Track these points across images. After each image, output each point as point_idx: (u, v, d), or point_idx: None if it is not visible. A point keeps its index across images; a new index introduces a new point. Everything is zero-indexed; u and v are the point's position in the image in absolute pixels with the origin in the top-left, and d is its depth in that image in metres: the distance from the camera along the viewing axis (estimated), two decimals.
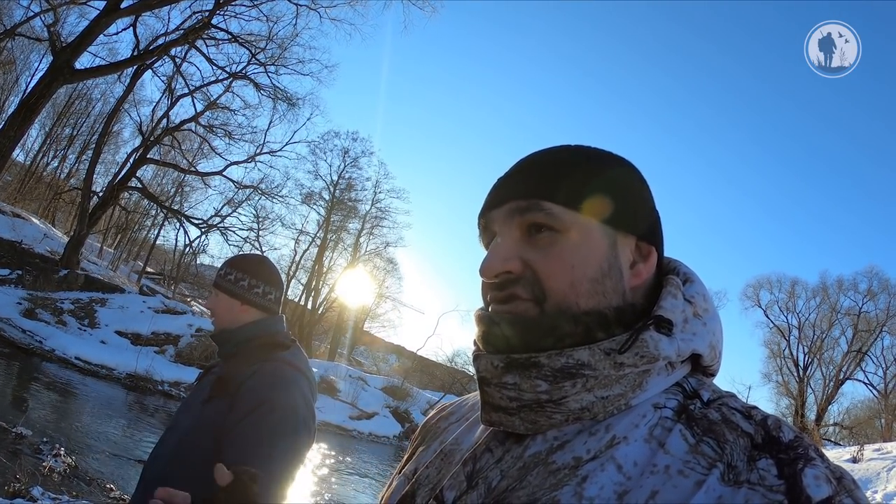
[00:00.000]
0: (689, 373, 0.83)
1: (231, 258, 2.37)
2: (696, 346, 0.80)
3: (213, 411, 1.98)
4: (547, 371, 0.76)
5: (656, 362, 0.77)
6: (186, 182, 38.46)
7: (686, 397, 0.77)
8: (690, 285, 0.86)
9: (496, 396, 0.80)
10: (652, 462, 0.69)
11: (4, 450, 6.90)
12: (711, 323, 0.84)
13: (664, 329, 0.78)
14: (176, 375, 17.57)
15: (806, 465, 0.64)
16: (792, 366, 41.24)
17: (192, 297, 35.23)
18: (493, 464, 0.79)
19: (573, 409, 0.76)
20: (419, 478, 0.90)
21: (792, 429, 0.70)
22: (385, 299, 44.16)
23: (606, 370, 0.75)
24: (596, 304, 0.79)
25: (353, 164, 39.48)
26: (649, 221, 0.87)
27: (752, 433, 0.69)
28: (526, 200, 0.82)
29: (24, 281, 20.43)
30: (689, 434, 0.71)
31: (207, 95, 29.32)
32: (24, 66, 38.42)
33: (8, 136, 16.76)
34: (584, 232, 0.81)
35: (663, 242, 0.90)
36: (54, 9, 20.61)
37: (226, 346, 2.22)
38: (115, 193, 28.04)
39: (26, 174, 40.06)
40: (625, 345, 0.76)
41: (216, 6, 22.92)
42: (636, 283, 0.83)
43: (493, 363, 0.79)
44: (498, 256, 0.82)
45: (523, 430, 0.78)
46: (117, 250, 42.14)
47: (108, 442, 9.59)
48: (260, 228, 34.93)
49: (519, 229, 0.83)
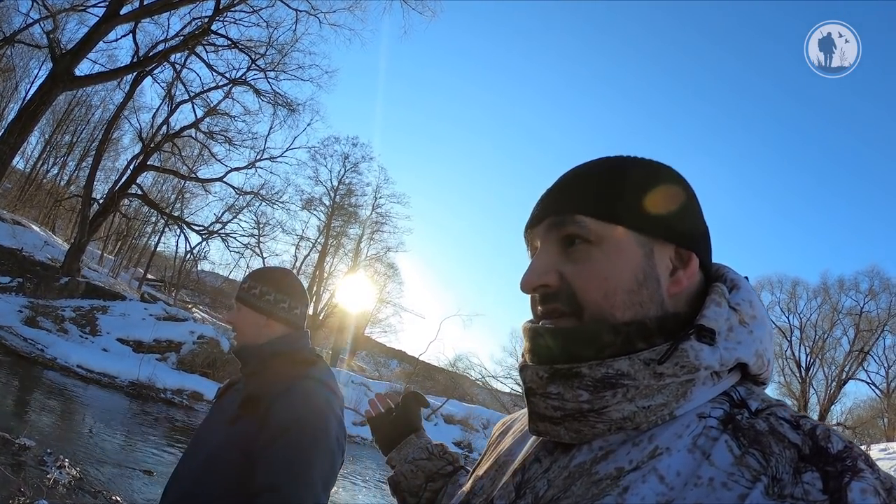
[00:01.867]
0: (738, 382, 0.81)
1: (255, 271, 2.29)
2: (740, 355, 0.79)
3: (241, 431, 1.90)
4: (588, 381, 0.77)
5: (698, 372, 0.76)
6: (187, 188, 38.66)
7: (733, 406, 0.76)
8: (737, 292, 0.85)
9: (541, 406, 0.82)
10: (696, 473, 0.68)
11: (8, 462, 6.78)
12: (759, 330, 0.82)
13: (706, 338, 0.77)
14: (178, 383, 17.53)
15: (853, 477, 0.62)
16: (794, 366, 41.71)
17: (193, 303, 35.28)
18: (541, 474, 0.81)
19: (615, 418, 0.77)
20: (475, 488, 0.94)
21: (842, 438, 0.68)
22: (386, 304, 44.18)
23: (646, 380, 0.76)
24: (634, 314, 0.79)
25: (353, 169, 39.57)
26: (688, 227, 0.86)
27: (799, 444, 0.67)
28: (561, 215, 0.85)
29: (24, 289, 20.38)
30: (734, 445, 0.69)
31: (207, 101, 29.41)
32: (24, 74, 38.65)
33: (8, 143, 16.71)
34: (616, 243, 0.81)
35: (710, 248, 0.89)
36: (53, 16, 20.56)
37: (250, 362, 2.14)
38: (115, 200, 28.02)
39: (26, 181, 40.16)
40: (664, 355, 0.76)
41: (216, 12, 22.93)
42: (676, 290, 0.83)
43: (539, 374, 0.82)
44: (535, 271, 0.85)
45: (568, 439, 0.80)
46: (118, 257, 42.22)
47: (112, 452, 9.50)
48: (261, 234, 34.95)
49: (556, 243, 0.86)
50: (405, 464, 1.33)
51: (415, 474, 1.34)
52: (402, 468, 1.33)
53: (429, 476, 1.33)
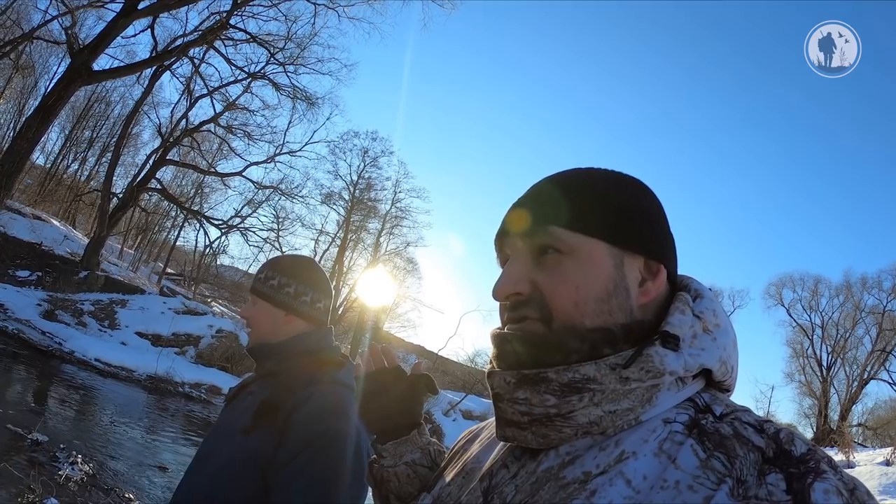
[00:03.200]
0: (703, 388, 0.83)
1: (272, 260, 2.06)
2: (704, 361, 0.81)
3: (256, 444, 1.69)
4: (555, 386, 0.78)
5: (663, 377, 0.77)
6: (206, 183, 38.75)
7: (698, 412, 0.77)
8: (700, 301, 0.87)
9: (509, 411, 0.83)
10: (662, 477, 0.69)
11: (19, 458, 6.77)
12: (722, 338, 0.84)
13: (670, 344, 0.78)
14: (196, 377, 17.64)
15: (816, 478, 0.63)
16: (815, 365, 41.39)
17: (212, 297, 35.47)
18: (509, 479, 0.82)
19: (581, 422, 0.78)
20: (442, 495, 0.95)
21: (805, 442, 0.69)
22: (405, 299, 44.15)
23: (612, 384, 0.77)
24: (602, 322, 0.81)
25: (372, 163, 39.38)
26: (657, 240, 0.88)
27: (763, 447, 0.68)
28: (534, 225, 0.86)
29: (44, 282, 20.59)
30: (699, 449, 0.70)
31: (226, 96, 29.54)
32: (43, 70, 39.01)
33: (27, 138, 16.85)
34: (588, 253, 0.83)
35: (676, 260, 0.91)
36: (72, 12, 20.69)
37: (267, 362, 1.93)
38: (134, 195, 28.24)
39: (46, 177, 40.63)
40: (630, 360, 0.77)
41: (234, 6, 22.96)
42: (645, 300, 0.84)
43: (506, 379, 0.83)
44: (508, 279, 0.86)
45: (535, 444, 0.81)
46: (137, 251, 42.56)
47: (128, 447, 9.49)
48: (280, 229, 34.95)
49: (529, 252, 0.87)
50: (402, 464, 1.19)
51: (410, 480, 1.19)
52: (398, 468, 1.19)
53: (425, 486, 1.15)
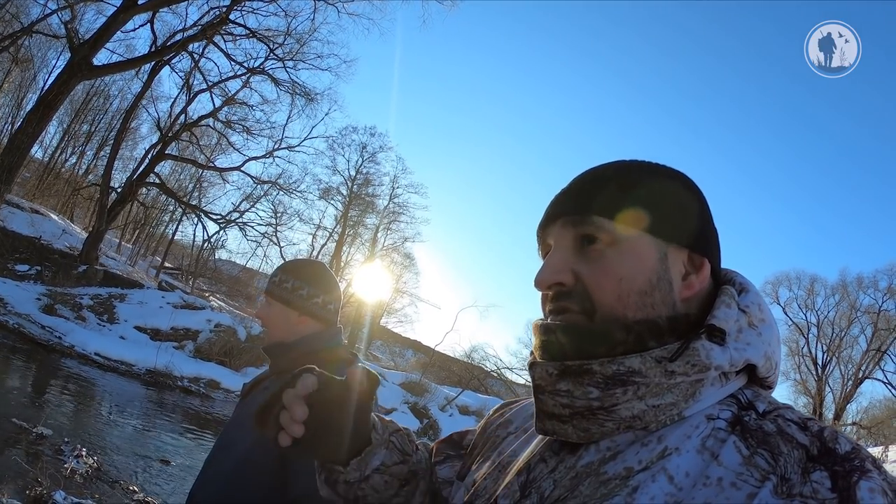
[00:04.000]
0: (745, 385, 0.82)
1: (286, 264, 2.19)
2: (749, 356, 0.80)
3: None
4: (599, 378, 0.77)
5: (708, 371, 0.77)
6: (204, 178, 38.75)
7: (741, 408, 0.77)
8: (746, 295, 0.87)
9: (550, 404, 0.82)
10: (705, 473, 0.68)
11: (25, 451, 6.84)
12: (767, 333, 0.84)
13: (716, 338, 0.78)
14: (195, 370, 17.65)
15: (861, 477, 0.62)
16: (810, 364, 41.21)
17: (210, 292, 35.43)
18: (547, 473, 0.81)
19: (624, 416, 0.77)
20: (477, 488, 0.93)
21: (850, 440, 0.68)
22: (402, 294, 44.30)
23: (657, 378, 0.76)
24: (646, 314, 0.80)
25: (370, 159, 39.54)
26: (702, 233, 0.87)
27: (807, 445, 0.68)
28: (578, 215, 0.85)
29: (43, 277, 20.56)
30: (743, 446, 0.70)
31: (225, 91, 29.48)
32: (42, 64, 38.89)
33: (26, 132, 16.86)
34: (632, 245, 0.82)
35: (720, 254, 0.91)
36: (71, 6, 20.61)
37: (281, 359, 2.05)
38: (133, 189, 28.18)
39: (45, 171, 40.48)
40: (676, 353, 0.76)
41: (234, 1, 22.98)
42: (688, 294, 0.83)
43: (548, 371, 0.82)
44: (550, 269, 0.85)
45: (576, 438, 0.80)
46: (136, 246, 42.41)
47: (130, 440, 9.54)
48: (278, 223, 34.98)
49: (572, 243, 0.86)
50: (371, 472, 1.03)
51: (388, 484, 1.06)
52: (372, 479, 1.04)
53: (403, 480, 1.09)
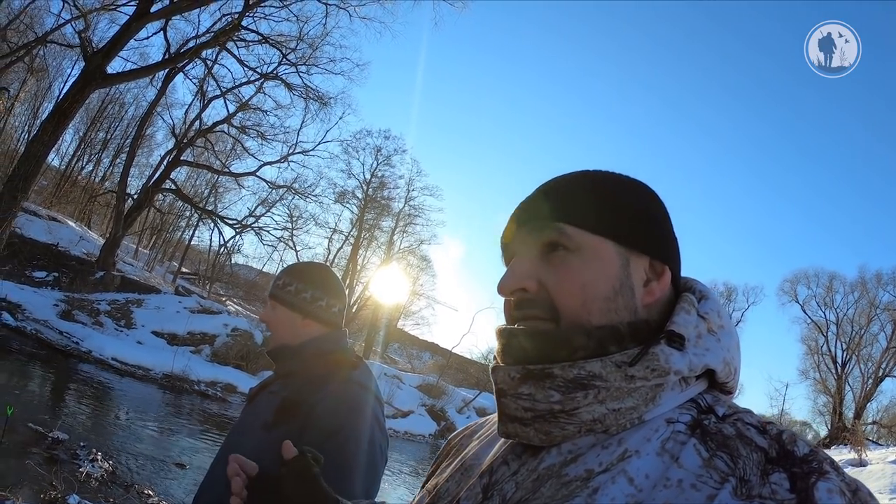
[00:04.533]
0: (705, 390, 0.83)
1: (290, 267, 2.18)
2: (708, 362, 0.81)
3: (279, 439, 1.72)
4: (560, 382, 0.78)
5: (668, 376, 0.77)
6: (220, 183, 38.93)
7: (700, 412, 0.78)
8: (705, 302, 0.88)
9: (512, 407, 0.82)
10: (665, 476, 0.69)
11: (41, 456, 6.93)
12: (726, 339, 0.85)
13: (676, 343, 0.79)
14: (212, 375, 17.80)
15: (819, 478, 0.63)
16: (830, 362, 40.86)
17: (227, 296, 35.58)
18: (509, 476, 0.82)
19: (585, 420, 0.78)
20: (439, 491, 0.93)
21: (807, 443, 0.70)
22: (419, 297, 44.33)
23: (618, 382, 0.77)
24: (609, 320, 0.81)
25: (385, 162, 39.46)
26: (663, 241, 0.89)
27: (766, 448, 0.69)
28: (541, 221, 0.87)
29: (60, 283, 20.83)
30: (702, 448, 0.71)
31: (239, 97, 29.66)
32: (57, 73, 39.29)
33: (42, 141, 16.98)
34: (596, 252, 0.84)
35: (680, 261, 0.92)
36: (84, 15, 20.82)
37: (286, 362, 2.05)
38: (149, 195, 28.43)
39: (62, 178, 40.89)
40: (636, 358, 0.77)
41: (245, 8, 23.02)
42: (649, 300, 0.85)
43: (510, 374, 0.82)
44: (513, 275, 0.86)
45: (538, 441, 0.80)
46: (153, 251, 42.72)
47: (146, 444, 9.64)
48: (294, 228, 35.13)
49: (536, 249, 0.87)
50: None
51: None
52: None
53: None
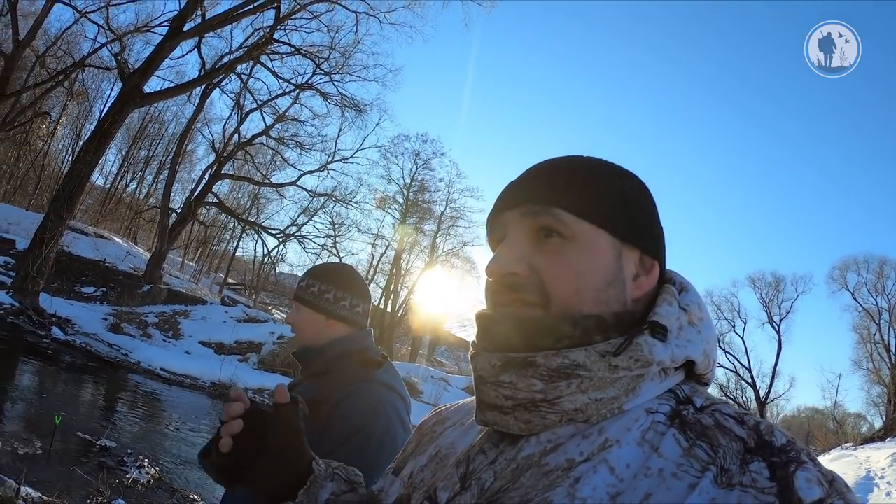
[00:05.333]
0: (682, 381, 0.83)
1: (312, 268, 2.19)
2: (690, 353, 0.82)
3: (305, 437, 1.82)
4: (543, 370, 0.77)
5: (650, 366, 0.78)
6: (262, 194, 39.58)
7: (679, 403, 0.78)
8: (686, 294, 0.88)
9: (492, 395, 0.81)
10: (646, 465, 0.70)
11: (89, 463, 7.12)
12: (706, 331, 0.85)
13: (659, 335, 0.79)
14: (259, 382, 17.90)
15: (798, 467, 0.64)
16: (883, 351, 39.22)
17: (273, 305, 36.06)
18: (487, 465, 0.81)
19: (567, 409, 0.77)
20: (414, 481, 0.93)
21: (784, 434, 0.70)
22: (464, 299, 43.97)
23: (601, 372, 0.77)
24: (599, 310, 0.80)
25: (424, 165, 39.67)
26: (654, 236, 0.89)
27: (744, 437, 0.70)
28: (538, 205, 0.84)
29: (109, 297, 21.46)
30: (682, 438, 0.71)
31: (276, 108, 30.22)
32: (97, 95, 40.43)
33: (85, 161, 17.39)
34: (591, 241, 0.82)
35: (665, 257, 0.91)
36: (119, 38, 21.53)
37: (312, 364, 2.06)
38: (192, 209, 29.08)
39: (106, 196, 42.12)
40: (620, 347, 0.77)
41: (277, 21, 23.26)
42: (638, 294, 0.85)
43: (491, 362, 0.81)
44: (506, 258, 0.84)
45: (517, 430, 0.80)
46: (198, 263, 43.55)
47: (192, 451, 9.70)
48: (336, 235, 35.53)
49: (529, 233, 0.85)
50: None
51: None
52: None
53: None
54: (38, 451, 6.82)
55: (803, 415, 47.82)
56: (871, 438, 29.74)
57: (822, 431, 38.10)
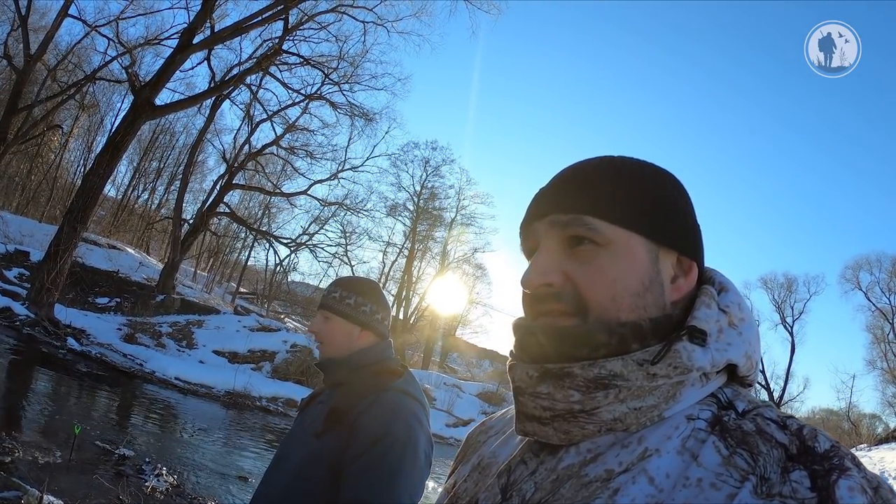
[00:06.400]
0: (725, 383, 0.82)
1: (343, 280, 2.25)
2: (731, 356, 0.80)
3: (327, 445, 1.88)
4: (580, 381, 0.76)
5: (690, 373, 0.76)
6: (273, 203, 39.79)
7: (720, 408, 0.76)
8: (725, 294, 0.85)
9: (530, 406, 0.80)
10: (685, 475, 0.68)
11: (108, 472, 7.17)
12: (747, 332, 0.83)
13: (698, 339, 0.77)
14: (273, 391, 18.02)
15: (840, 475, 0.62)
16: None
17: (285, 313, 36.11)
18: (528, 476, 0.80)
19: (606, 419, 0.76)
20: (458, 491, 0.92)
21: (829, 438, 0.68)
22: (476, 305, 44.23)
23: (639, 381, 0.75)
24: (637, 317, 0.79)
25: (434, 173, 39.93)
26: (691, 236, 0.86)
27: (786, 444, 0.68)
28: (567, 214, 0.83)
29: (122, 308, 21.53)
30: (722, 446, 0.70)
31: (286, 118, 30.36)
32: (108, 108, 40.84)
33: (97, 173, 17.51)
34: (625, 246, 0.81)
35: (703, 256, 0.89)
36: (130, 51, 21.72)
37: (336, 373, 2.11)
38: (204, 220, 29.28)
39: (119, 208, 42.43)
40: (657, 355, 0.75)
41: (285, 32, 23.35)
42: (676, 297, 0.83)
43: (528, 373, 0.80)
44: (539, 268, 0.82)
45: (556, 440, 0.79)
46: (211, 273, 43.75)
47: (209, 458, 9.83)
48: (348, 243, 35.72)
49: (561, 242, 0.84)
50: None
51: None
52: None
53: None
54: (58, 461, 6.90)
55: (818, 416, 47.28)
56: (886, 439, 29.47)
57: (837, 433, 37.71)
